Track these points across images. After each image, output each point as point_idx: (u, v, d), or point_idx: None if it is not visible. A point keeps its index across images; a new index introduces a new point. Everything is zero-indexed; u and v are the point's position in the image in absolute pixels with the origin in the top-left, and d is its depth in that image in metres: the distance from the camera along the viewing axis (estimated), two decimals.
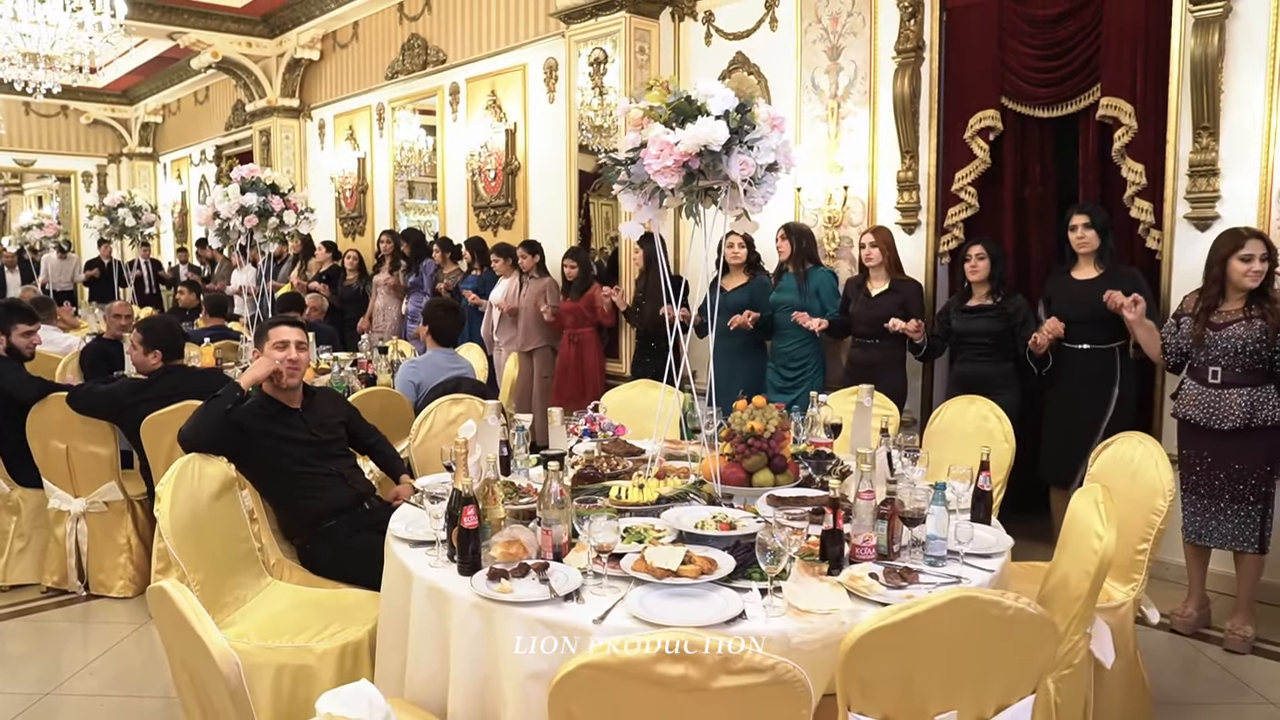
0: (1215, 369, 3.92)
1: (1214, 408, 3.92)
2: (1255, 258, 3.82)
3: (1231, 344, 3.86)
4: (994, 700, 1.91)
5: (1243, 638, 3.95)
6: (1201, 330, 3.94)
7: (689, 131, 2.70)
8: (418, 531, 2.73)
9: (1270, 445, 3.88)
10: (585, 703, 1.64)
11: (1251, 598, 4.03)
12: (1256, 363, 3.82)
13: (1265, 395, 3.84)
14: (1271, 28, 4.30)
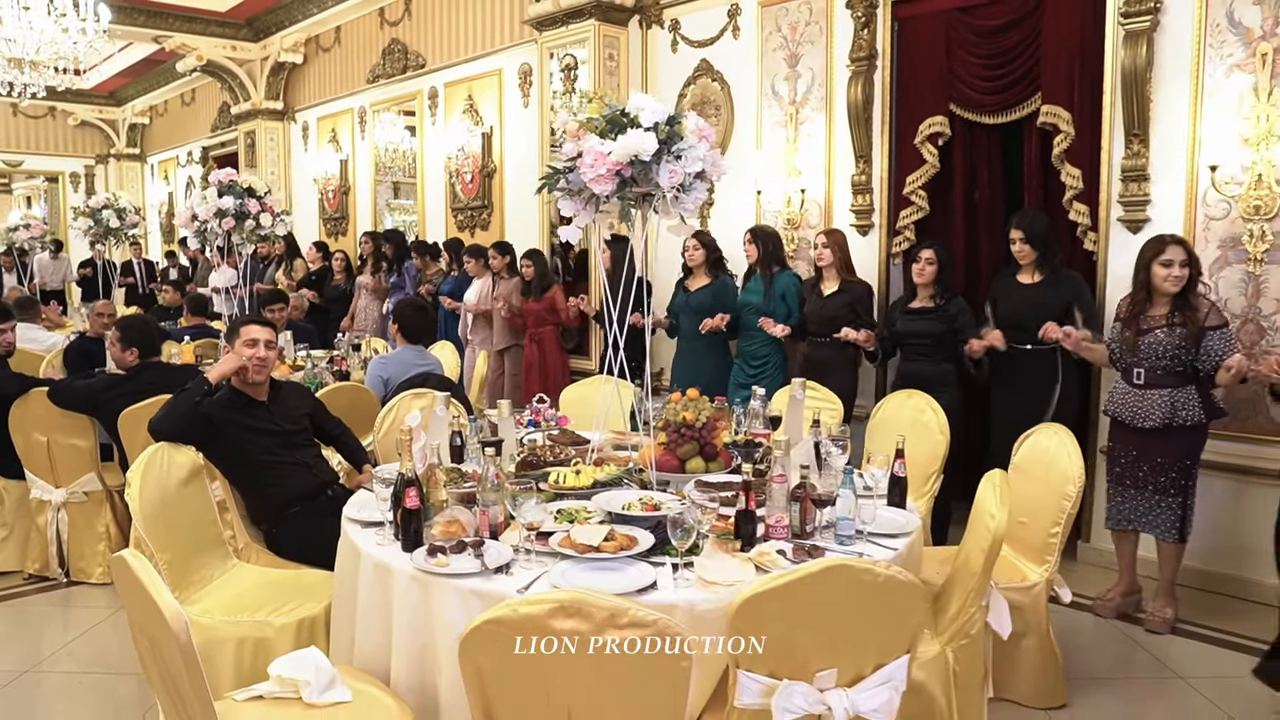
0: (1140, 370, 4.12)
1: (1138, 407, 4.12)
2: (1175, 263, 4.02)
3: (1155, 348, 4.06)
4: (871, 659, 2.13)
5: (1163, 619, 4.18)
6: (1133, 335, 4.13)
7: (620, 143, 2.90)
8: (369, 514, 2.94)
9: (1188, 443, 4.10)
10: (491, 654, 1.85)
11: (1173, 583, 4.25)
12: (1178, 366, 4.02)
13: (1186, 396, 4.04)
14: (1195, 41, 4.52)
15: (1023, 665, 3.47)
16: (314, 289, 8.90)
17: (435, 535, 2.67)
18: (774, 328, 5.28)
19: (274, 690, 2.45)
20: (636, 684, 1.83)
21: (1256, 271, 4.42)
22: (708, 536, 2.58)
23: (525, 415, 3.67)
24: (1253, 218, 4.40)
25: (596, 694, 1.85)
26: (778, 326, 5.29)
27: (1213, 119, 4.49)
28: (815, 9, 6.00)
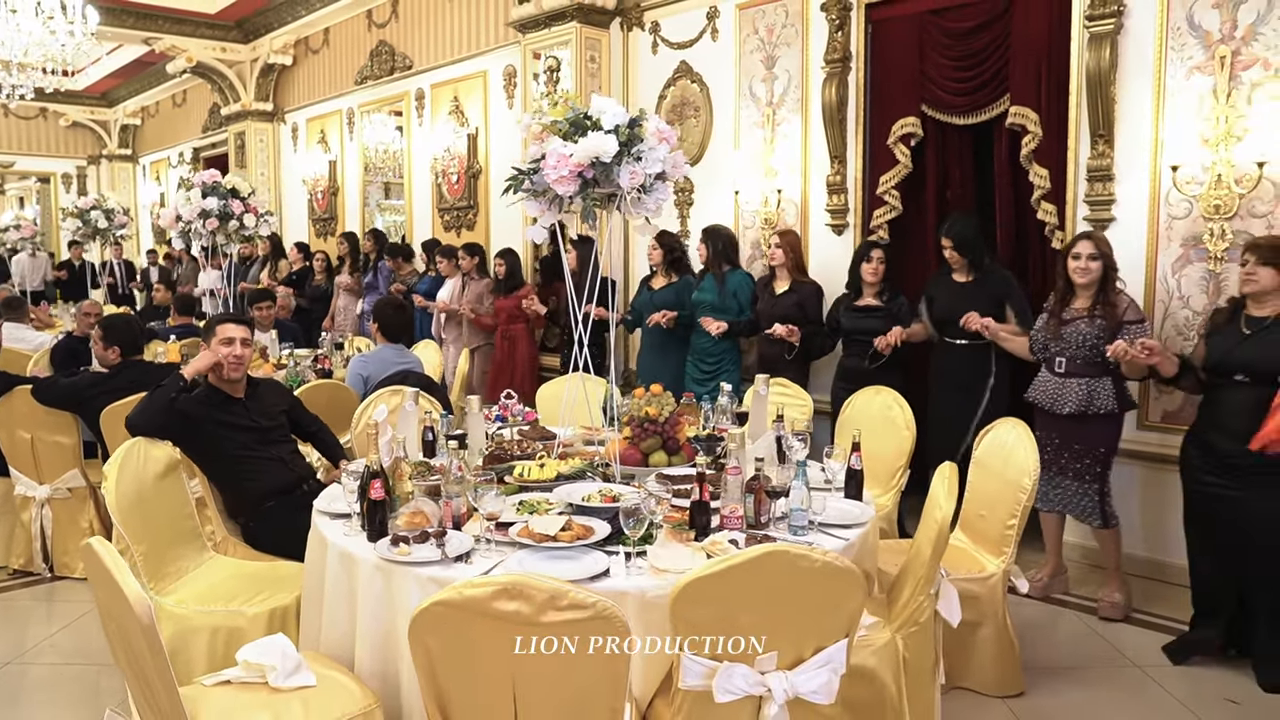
0: (1061, 359, 4.28)
1: (1057, 394, 4.28)
2: (1083, 256, 4.20)
3: (1075, 338, 4.22)
4: (811, 642, 2.21)
5: (1112, 604, 4.31)
6: (1056, 325, 4.30)
7: (581, 145, 2.98)
8: (339, 506, 3.02)
9: (1103, 431, 4.26)
10: (438, 636, 1.94)
11: (1118, 568, 4.37)
12: (1096, 356, 4.16)
13: (1102, 386, 4.20)
14: (1157, 43, 4.61)
15: (980, 654, 3.56)
16: (295, 289, 8.98)
17: (399, 526, 2.75)
18: (710, 324, 5.39)
19: (241, 675, 2.54)
20: (578, 663, 1.92)
21: (1217, 270, 4.51)
22: (662, 527, 2.66)
23: (494, 411, 3.75)
24: (1213, 217, 4.49)
25: (539, 673, 1.93)
26: (714, 324, 5.39)
27: (1174, 120, 4.58)
28: (791, 11, 6.09)
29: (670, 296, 5.74)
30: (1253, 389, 3.61)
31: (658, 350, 5.82)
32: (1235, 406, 3.68)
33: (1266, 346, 3.62)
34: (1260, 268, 3.67)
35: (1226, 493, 3.70)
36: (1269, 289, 3.67)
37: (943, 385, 4.88)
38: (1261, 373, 3.60)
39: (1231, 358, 3.71)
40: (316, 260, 9.27)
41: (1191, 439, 3.94)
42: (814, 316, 5.33)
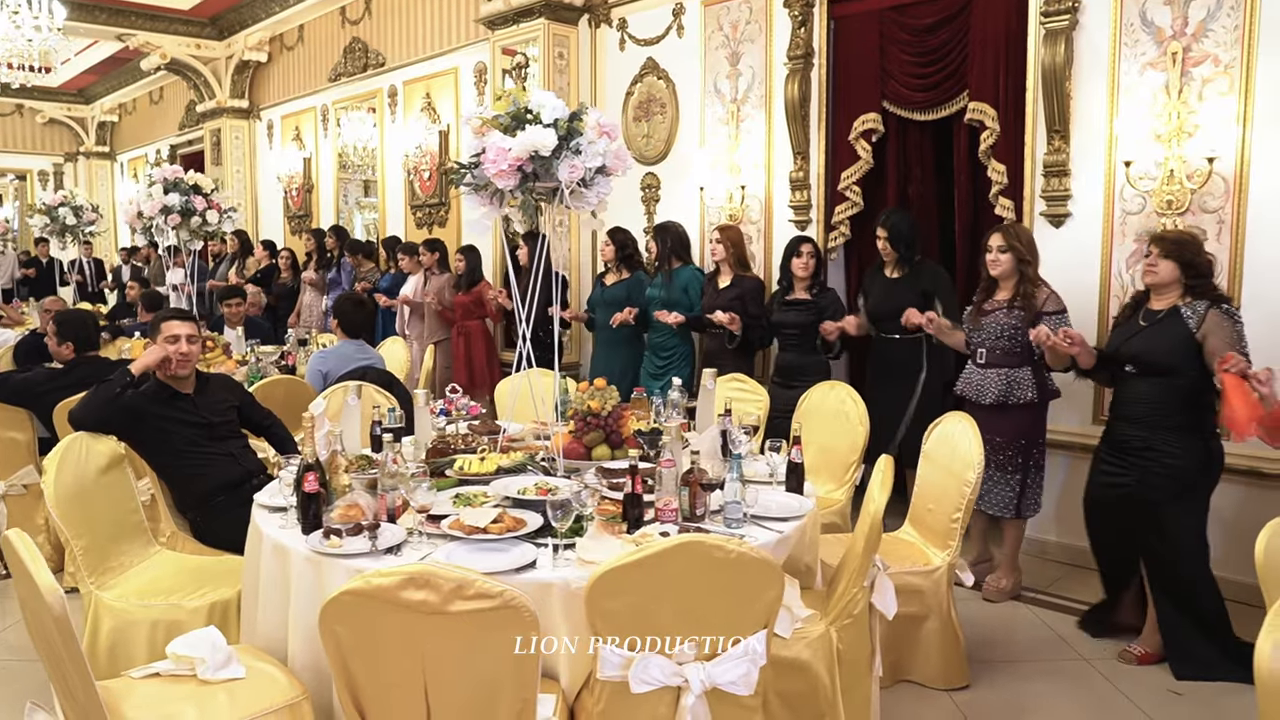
0: (982, 350, 4.37)
1: (979, 385, 4.36)
2: (993, 249, 4.31)
3: (994, 328, 4.31)
4: (729, 632, 2.22)
5: (998, 589, 4.45)
6: (977, 316, 4.39)
7: (518, 138, 2.99)
8: (279, 499, 3.01)
9: (1023, 421, 4.32)
10: (348, 625, 1.94)
11: (1014, 558, 4.50)
12: (1015, 347, 4.25)
13: (1021, 376, 4.28)
14: (1112, 39, 4.63)
15: (925, 647, 3.58)
16: (261, 286, 8.97)
17: (334, 519, 2.75)
18: (667, 316, 5.43)
19: (170, 668, 2.53)
20: (486, 653, 1.92)
21: None
22: (593, 519, 2.66)
23: (438, 405, 3.75)
24: (1165, 212, 4.52)
25: (448, 662, 1.94)
26: (671, 316, 5.43)
27: (1128, 116, 4.60)
28: (755, 8, 6.10)
29: (622, 293, 5.77)
30: (1142, 380, 3.74)
31: (611, 346, 5.86)
32: (1127, 395, 3.82)
33: (1152, 339, 3.72)
34: (1162, 260, 3.74)
35: (1115, 477, 3.82)
36: (1168, 281, 3.74)
37: (877, 378, 4.94)
38: (1146, 364, 3.72)
39: (1123, 349, 3.82)
40: (282, 257, 9.25)
41: (1105, 429, 4.05)
42: (755, 310, 5.35)
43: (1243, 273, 4.36)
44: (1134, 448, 3.74)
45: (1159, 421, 3.66)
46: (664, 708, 2.20)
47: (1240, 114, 4.30)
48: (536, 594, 2.36)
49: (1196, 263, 3.70)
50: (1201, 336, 3.60)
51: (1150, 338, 3.72)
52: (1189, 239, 3.83)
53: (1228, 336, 3.57)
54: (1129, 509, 3.76)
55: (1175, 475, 3.65)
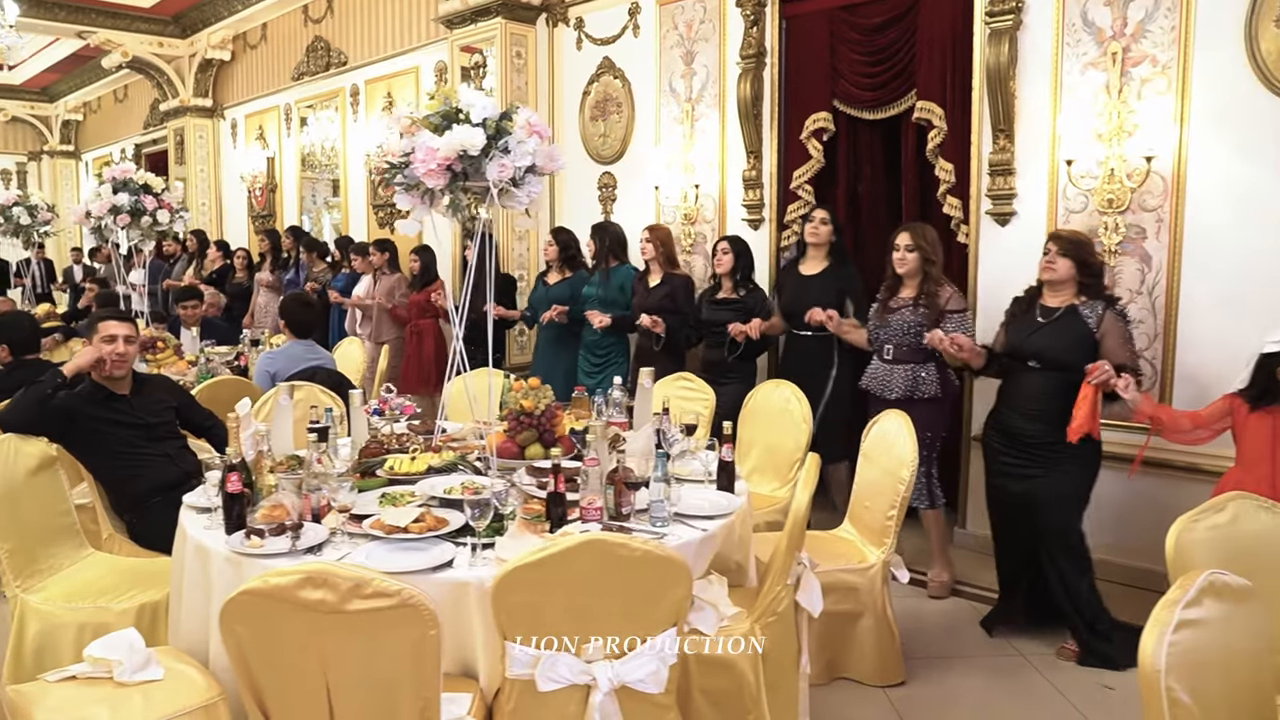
0: (888, 347, 4.46)
1: (885, 380, 4.45)
2: (901, 247, 4.39)
3: (900, 325, 4.40)
4: (637, 631, 2.22)
5: (940, 583, 4.51)
6: (883, 314, 4.47)
7: (445, 138, 2.98)
8: (205, 500, 3.00)
9: (929, 415, 4.39)
10: (248, 625, 1.93)
11: (943, 549, 4.56)
12: (920, 343, 4.33)
13: (925, 371, 4.39)
14: (1055, 40, 4.67)
15: (861, 644, 3.60)
16: (216, 287, 8.91)
17: (258, 519, 2.74)
18: (596, 319, 5.47)
19: (88, 670, 2.52)
20: (384, 651, 1.92)
21: (1111, 263, 4.56)
22: (514, 518, 2.66)
23: (371, 404, 3.74)
24: (1107, 211, 4.56)
25: (348, 661, 1.94)
26: (598, 318, 5.47)
27: (1070, 115, 4.64)
28: (709, 7, 6.11)
29: (564, 291, 5.80)
30: (1042, 375, 3.85)
31: (553, 345, 5.90)
32: (1029, 390, 3.90)
33: (1054, 336, 3.83)
34: (1060, 258, 3.86)
35: (1019, 471, 3.90)
36: (1065, 278, 3.86)
37: (789, 374, 4.97)
38: (1049, 360, 3.82)
39: (1025, 345, 3.91)
40: (237, 258, 9.20)
41: (991, 421, 4.12)
42: (684, 308, 5.36)
43: (1181, 270, 4.40)
44: (1041, 444, 3.82)
45: (1059, 417, 3.73)
46: (574, 706, 2.20)
47: (1178, 113, 4.34)
48: (452, 593, 2.38)
49: (1090, 262, 3.86)
50: (1100, 335, 3.75)
51: (1052, 335, 3.83)
52: (1084, 239, 3.96)
53: (1122, 336, 3.77)
54: (1036, 503, 3.82)
55: (1082, 467, 3.80)
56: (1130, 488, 4.31)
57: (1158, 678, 1.72)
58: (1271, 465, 3.36)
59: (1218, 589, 1.88)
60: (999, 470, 4.03)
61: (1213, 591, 1.87)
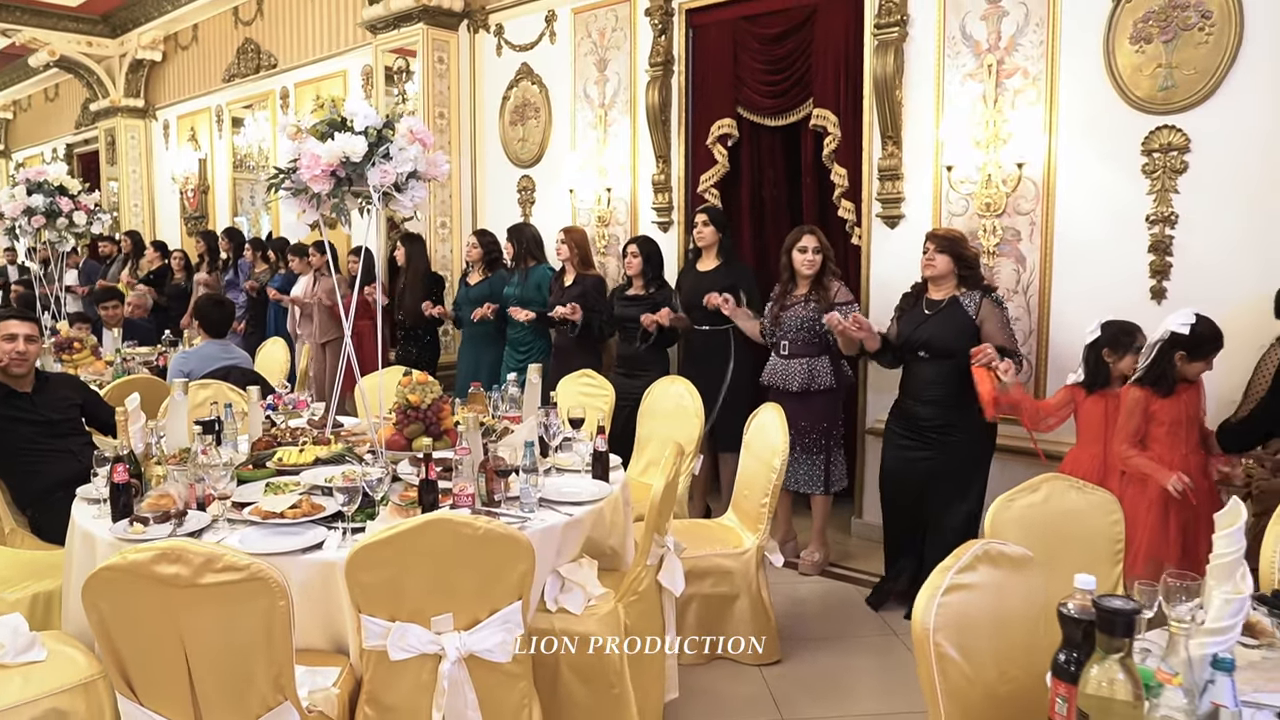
0: (785, 342, 4.73)
1: (783, 374, 4.72)
2: (809, 250, 4.65)
3: (795, 321, 4.67)
4: (485, 605, 2.39)
5: (811, 562, 4.81)
6: (779, 311, 4.72)
7: (328, 145, 3.14)
8: (98, 492, 3.12)
9: (825, 405, 4.72)
10: (109, 600, 2.08)
11: (822, 530, 4.85)
12: (813, 338, 4.64)
13: (820, 364, 4.68)
14: (937, 51, 4.92)
15: (737, 625, 3.80)
16: (154, 288, 8.94)
17: (144, 507, 2.88)
18: (520, 314, 5.67)
19: None
20: (237, 622, 2.08)
21: (990, 263, 4.82)
22: (385, 503, 2.83)
23: (267, 400, 3.88)
24: (985, 214, 4.81)
25: (203, 632, 2.09)
26: (522, 313, 5.66)
27: (951, 123, 4.89)
28: (621, 16, 6.30)
29: (485, 291, 5.97)
30: (931, 363, 4.16)
31: (476, 342, 6.07)
32: (921, 378, 4.22)
33: (939, 326, 4.14)
34: (938, 254, 4.17)
35: (913, 453, 4.19)
36: (945, 273, 4.17)
37: (690, 367, 5.20)
38: (937, 348, 4.13)
39: (915, 336, 4.20)
40: (175, 258, 9.24)
41: (893, 410, 4.41)
42: (596, 306, 5.55)
43: (1052, 270, 4.67)
44: (935, 426, 4.12)
45: (952, 402, 4.05)
46: (426, 674, 2.37)
47: (1047, 123, 4.61)
48: (322, 573, 2.54)
49: (965, 255, 4.16)
50: (980, 322, 4.06)
51: (937, 325, 4.13)
52: (957, 235, 4.25)
53: (1000, 321, 4.09)
54: (929, 483, 4.08)
55: (971, 450, 4.07)
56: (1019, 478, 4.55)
57: (927, 634, 1.93)
58: (1103, 443, 3.64)
59: (993, 556, 2.09)
60: (895, 453, 4.31)
61: (988, 559, 2.08)
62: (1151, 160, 4.34)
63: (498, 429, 3.76)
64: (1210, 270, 4.20)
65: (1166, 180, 4.32)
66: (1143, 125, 4.35)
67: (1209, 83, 4.16)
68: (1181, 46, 4.22)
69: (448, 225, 7.45)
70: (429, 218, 7.30)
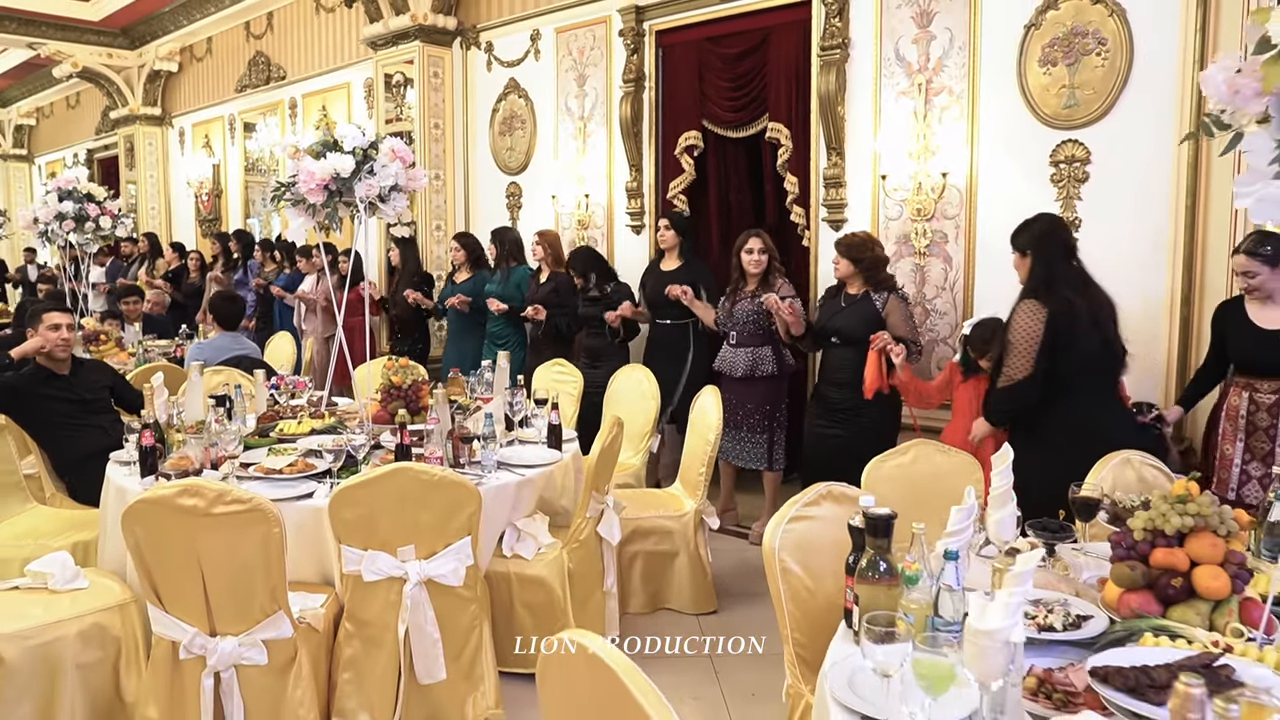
0: (734, 333, 5.28)
1: (732, 361, 5.27)
2: (755, 251, 5.17)
3: (743, 315, 5.20)
4: (440, 539, 2.97)
5: (759, 534, 5.25)
6: (730, 305, 5.27)
7: (320, 163, 3.72)
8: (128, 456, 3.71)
9: (767, 390, 5.26)
10: (143, 526, 2.65)
11: (773, 504, 5.25)
12: (758, 329, 5.19)
13: (764, 353, 5.21)
14: (874, 71, 5.46)
15: (678, 578, 4.36)
16: (173, 285, 9.56)
17: (167, 466, 3.46)
18: (494, 305, 6.24)
19: (28, 583, 3.22)
20: (241, 544, 2.65)
21: (922, 263, 5.38)
22: (367, 462, 3.40)
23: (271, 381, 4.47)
24: (917, 219, 5.36)
25: (215, 552, 2.65)
26: (496, 304, 6.24)
27: (887, 136, 5.44)
28: (598, 35, 6.87)
29: (470, 288, 6.52)
30: (841, 349, 4.74)
31: (460, 335, 6.64)
32: (833, 363, 4.80)
33: (850, 317, 4.72)
34: (841, 259, 4.78)
35: (828, 431, 4.74)
36: (848, 274, 4.77)
37: (654, 357, 5.74)
38: (846, 336, 4.69)
39: (829, 324, 4.78)
40: (191, 259, 9.85)
41: (813, 394, 5.00)
42: (566, 301, 6.11)
43: (975, 268, 5.21)
44: (844, 407, 4.68)
45: (860, 384, 4.57)
46: (393, 594, 2.94)
47: (969, 136, 5.15)
48: (313, 517, 3.12)
49: (865, 258, 4.73)
50: (885, 314, 4.63)
51: (850, 316, 4.71)
52: (857, 242, 4.81)
53: (903, 314, 4.67)
54: (840, 458, 4.60)
55: (876, 428, 4.58)
56: None
57: (773, 552, 2.49)
58: (967, 418, 4.17)
59: (835, 495, 2.66)
60: (812, 431, 4.86)
61: (831, 497, 2.64)
62: (1058, 170, 4.88)
63: (470, 407, 4.34)
64: (1107, 266, 4.70)
65: (1071, 188, 4.86)
66: (1050, 139, 4.89)
67: (1105, 101, 4.70)
68: (1082, 69, 4.76)
69: (442, 228, 8.03)
70: (424, 221, 7.88)
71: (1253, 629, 1.87)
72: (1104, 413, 3.64)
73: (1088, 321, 3.53)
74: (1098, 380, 3.64)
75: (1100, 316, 3.58)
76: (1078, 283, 3.63)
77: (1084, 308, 3.55)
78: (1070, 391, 3.55)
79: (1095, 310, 3.58)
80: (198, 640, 2.74)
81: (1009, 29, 4.99)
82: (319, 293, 7.76)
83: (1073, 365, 3.52)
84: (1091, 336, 3.53)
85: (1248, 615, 1.91)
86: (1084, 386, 3.57)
